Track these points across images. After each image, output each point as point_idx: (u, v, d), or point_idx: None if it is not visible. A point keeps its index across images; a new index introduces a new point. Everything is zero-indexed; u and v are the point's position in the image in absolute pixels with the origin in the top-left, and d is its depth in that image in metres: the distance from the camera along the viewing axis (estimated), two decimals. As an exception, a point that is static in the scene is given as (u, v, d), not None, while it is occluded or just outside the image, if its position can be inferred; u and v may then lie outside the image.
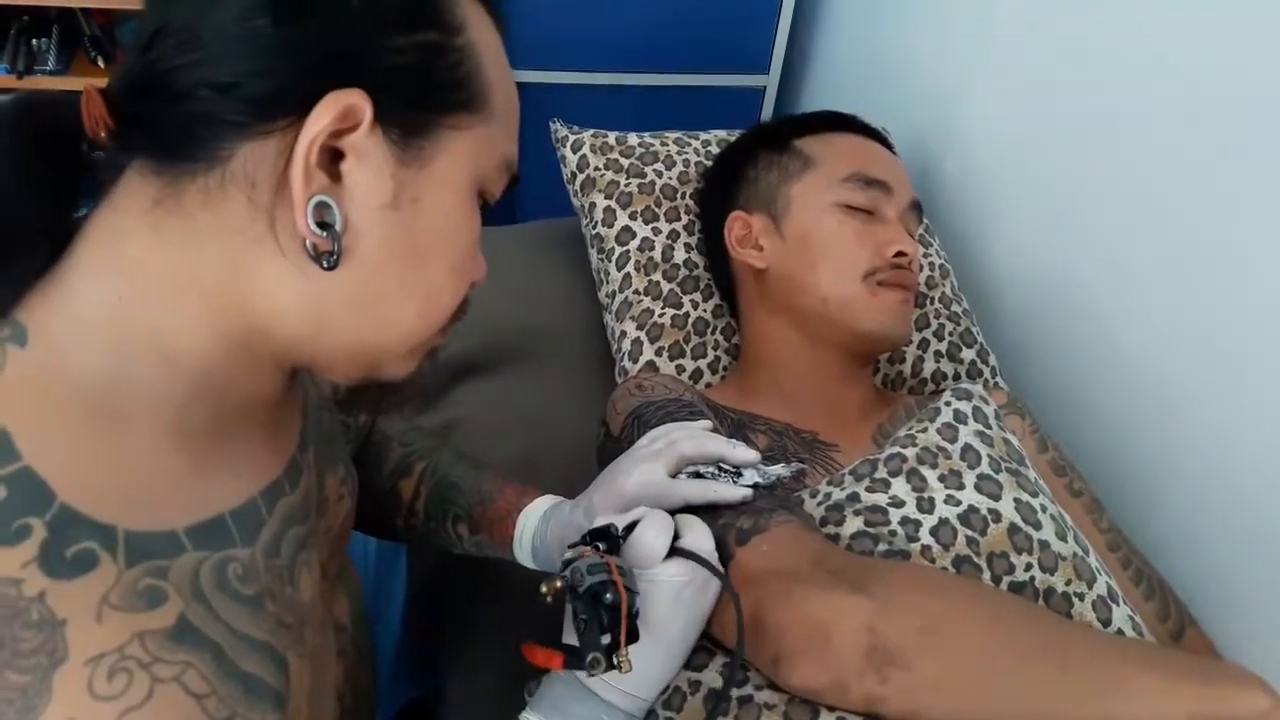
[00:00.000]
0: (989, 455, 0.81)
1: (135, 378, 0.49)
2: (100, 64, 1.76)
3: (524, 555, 0.80)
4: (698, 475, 0.76)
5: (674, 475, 0.75)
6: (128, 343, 0.49)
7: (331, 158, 0.49)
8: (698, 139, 1.36)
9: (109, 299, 0.49)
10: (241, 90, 0.47)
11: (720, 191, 1.18)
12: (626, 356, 1.21)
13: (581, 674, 0.63)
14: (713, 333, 1.22)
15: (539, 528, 0.79)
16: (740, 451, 0.76)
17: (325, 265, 0.50)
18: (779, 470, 0.77)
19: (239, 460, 0.57)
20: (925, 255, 1.29)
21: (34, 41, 1.74)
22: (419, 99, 0.51)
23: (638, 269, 1.24)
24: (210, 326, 0.51)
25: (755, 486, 0.76)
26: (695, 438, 0.76)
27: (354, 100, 0.48)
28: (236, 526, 0.54)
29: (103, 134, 0.49)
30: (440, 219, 0.55)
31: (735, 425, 1.00)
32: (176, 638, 0.48)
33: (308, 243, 0.49)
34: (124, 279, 0.49)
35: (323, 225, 0.49)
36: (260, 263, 0.50)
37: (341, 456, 0.74)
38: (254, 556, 0.55)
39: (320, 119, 0.47)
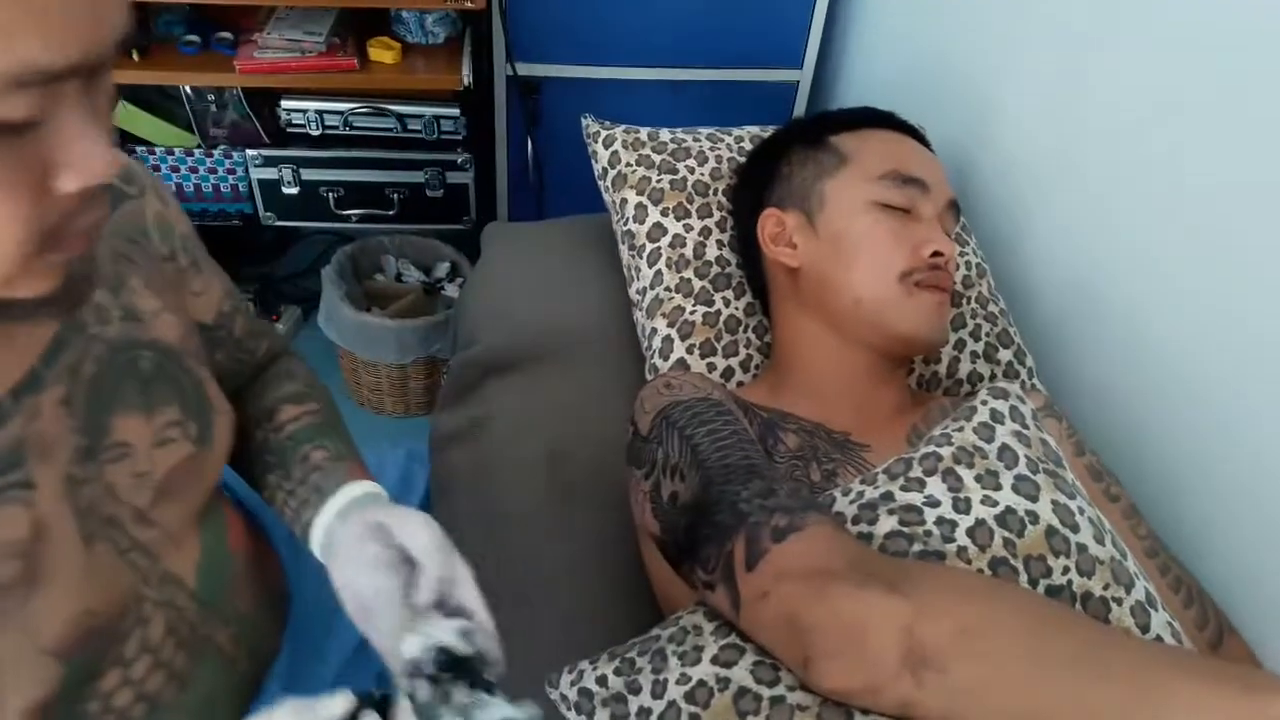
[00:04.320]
0: (1026, 456, 0.80)
1: None
2: (135, 56, 1.77)
3: (331, 508, 0.78)
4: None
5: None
6: None
7: None
8: (730, 135, 1.35)
9: None
10: None
11: (753, 188, 1.17)
12: (657, 354, 1.20)
13: None
14: (744, 330, 1.21)
15: (333, 522, 0.77)
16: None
17: None
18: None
19: None
20: (962, 254, 1.27)
21: (71, 35, 1.75)
22: None
23: (669, 266, 1.23)
24: None
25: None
26: None
27: None
28: None
29: None
30: None
31: (766, 425, 1.00)
32: None
33: None
34: None
35: None
36: None
37: (178, 398, 0.73)
38: None
39: None
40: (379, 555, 0.70)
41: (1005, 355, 1.22)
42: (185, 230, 0.81)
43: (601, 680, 0.79)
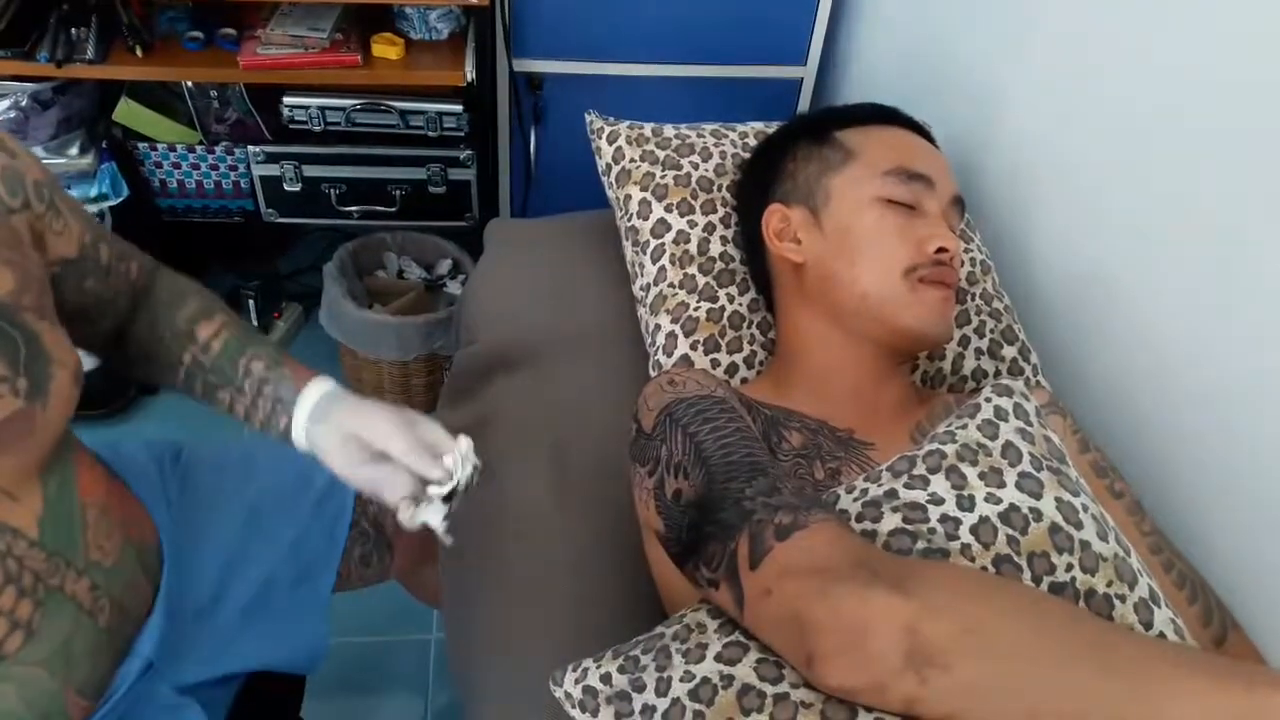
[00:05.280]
0: (1030, 453, 0.80)
1: None
2: (138, 53, 1.77)
3: (301, 417, 0.91)
4: None
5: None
6: None
7: None
8: (735, 130, 1.35)
9: None
10: None
11: (758, 184, 1.17)
12: (660, 350, 1.20)
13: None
14: (749, 327, 1.21)
15: (309, 427, 0.91)
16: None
17: None
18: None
19: None
20: (966, 251, 1.27)
21: (73, 30, 1.75)
22: None
23: (673, 262, 1.23)
24: None
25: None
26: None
27: None
28: None
29: None
30: None
31: (769, 422, 0.99)
32: None
33: None
34: None
35: None
36: None
37: (6, 354, 0.74)
38: None
39: None
40: (363, 456, 0.88)
41: (1009, 352, 1.22)
42: (38, 176, 0.82)
43: (606, 678, 0.79)
